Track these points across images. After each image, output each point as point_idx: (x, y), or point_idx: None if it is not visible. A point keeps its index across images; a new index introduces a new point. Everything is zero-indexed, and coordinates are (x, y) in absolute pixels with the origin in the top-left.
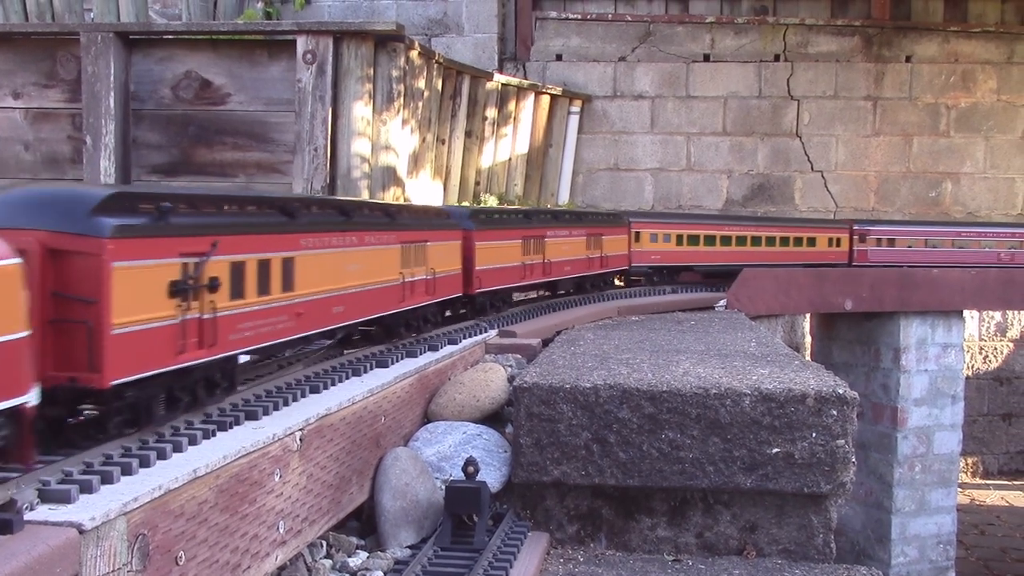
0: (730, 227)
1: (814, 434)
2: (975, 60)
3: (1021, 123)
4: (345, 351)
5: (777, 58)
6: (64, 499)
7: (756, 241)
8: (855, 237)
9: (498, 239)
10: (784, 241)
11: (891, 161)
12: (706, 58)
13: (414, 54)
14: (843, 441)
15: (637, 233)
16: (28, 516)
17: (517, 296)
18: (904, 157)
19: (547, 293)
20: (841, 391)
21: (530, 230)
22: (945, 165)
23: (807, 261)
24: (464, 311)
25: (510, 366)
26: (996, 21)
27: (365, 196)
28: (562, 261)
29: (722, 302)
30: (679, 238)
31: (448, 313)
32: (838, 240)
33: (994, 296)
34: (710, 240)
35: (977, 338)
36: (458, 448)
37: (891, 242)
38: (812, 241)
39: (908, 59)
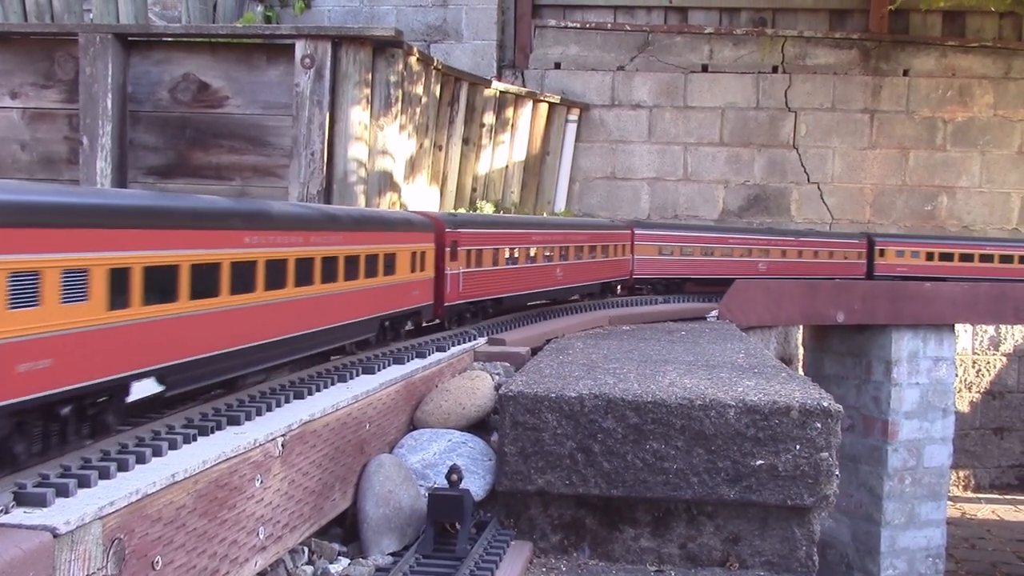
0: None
1: (798, 446)
2: (972, 75)
3: (1017, 138)
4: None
5: (775, 70)
6: (40, 502)
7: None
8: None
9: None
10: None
11: (887, 174)
12: (704, 68)
13: (413, 60)
14: (827, 454)
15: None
16: (2, 519)
17: None
18: (900, 170)
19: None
20: (826, 404)
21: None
22: (941, 179)
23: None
24: None
25: (498, 374)
26: (994, 36)
27: (361, 202)
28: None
29: (714, 313)
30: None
31: None
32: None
33: (985, 310)
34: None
35: (970, 352)
36: (443, 456)
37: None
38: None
39: (906, 73)
